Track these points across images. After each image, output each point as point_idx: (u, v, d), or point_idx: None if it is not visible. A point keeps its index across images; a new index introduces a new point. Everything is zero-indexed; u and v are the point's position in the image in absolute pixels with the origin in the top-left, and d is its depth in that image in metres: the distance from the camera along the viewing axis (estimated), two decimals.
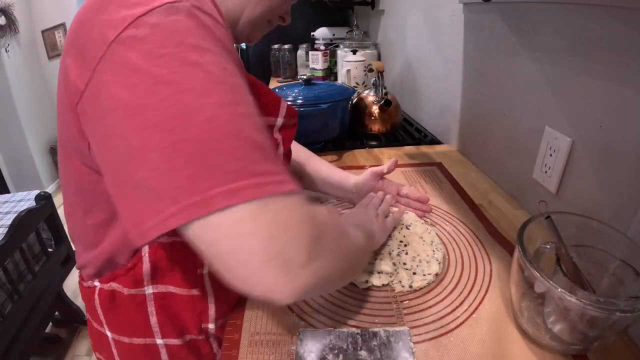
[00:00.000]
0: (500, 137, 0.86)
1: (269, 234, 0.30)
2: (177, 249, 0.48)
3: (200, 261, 0.50)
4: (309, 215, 0.33)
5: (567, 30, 0.62)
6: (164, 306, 0.50)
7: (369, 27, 2.03)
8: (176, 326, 0.51)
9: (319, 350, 0.47)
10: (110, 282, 0.50)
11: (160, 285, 0.50)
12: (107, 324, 0.53)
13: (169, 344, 0.52)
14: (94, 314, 0.53)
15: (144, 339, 0.52)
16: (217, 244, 0.30)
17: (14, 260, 1.30)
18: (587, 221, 0.49)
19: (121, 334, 0.52)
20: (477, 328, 0.50)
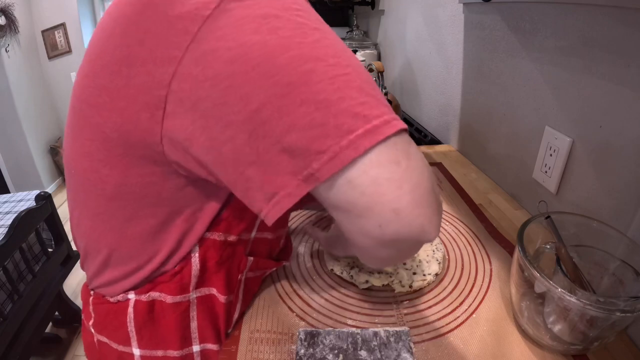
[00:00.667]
0: (500, 137, 0.86)
1: (416, 169, 0.30)
2: (227, 250, 0.46)
3: (243, 266, 0.49)
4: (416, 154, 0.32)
5: (567, 30, 0.62)
6: (205, 310, 0.47)
7: (369, 27, 2.03)
8: (214, 330, 0.49)
9: (318, 350, 0.47)
10: (149, 292, 0.44)
11: (204, 289, 0.46)
12: (138, 341, 0.46)
13: (206, 349, 0.48)
14: (117, 334, 0.46)
15: (181, 351, 0.47)
16: (368, 189, 0.29)
17: (14, 260, 1.30)
18: (587, 221, 0.49)
19: (155, 348, 0.47)
20: (477, 328, 0.50)
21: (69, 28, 3.12)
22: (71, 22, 3.11)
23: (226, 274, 0.47)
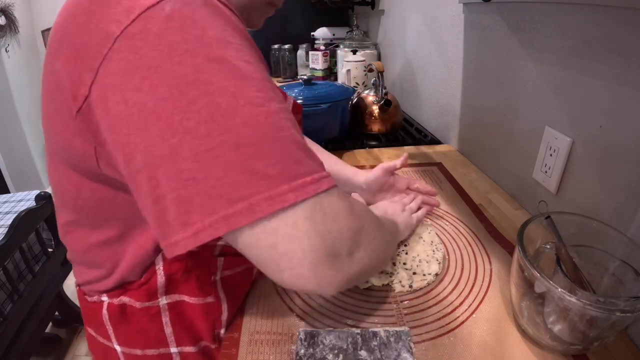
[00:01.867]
0: (500, 137, 0.86)
1: (319, 232, 0.30)
2: (192, 259, 0.46)
3: (214, 267, 0.49)
4: (349, 208, 0.33)
5: (567, 30, 0.62)
6: (178, 315, 0.48)
7: (369, 27, 2.03)
8: (191, 334, 0.49)
9: (318, 350, 0.47)
10: (120, 297, 0.47)
11: (174, 295, 0.47)
12: (117, 338, 0.49)
13: (183, 352, 0.50)
14: (100, 329, 0.50)
15: (158, 349, 0.49)
16: (271, 248, 0.29)
17: (14, 260, 1.30)
18: (587, 221, 0.49)
19: (133, 346, 0.49)
20: (477, 328, 0.50)
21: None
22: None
23: (196, 278, 0.47)
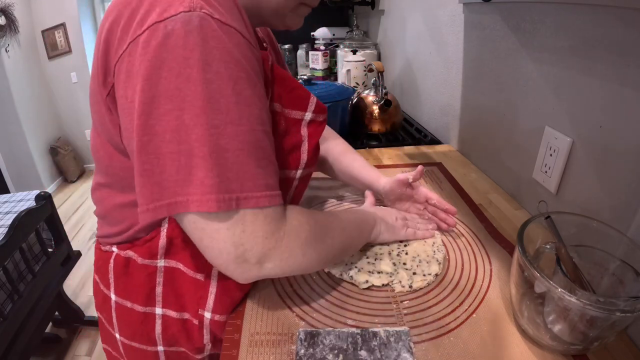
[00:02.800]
0: (500, 137, 0.86)
1: (234, 242, 0.38)
2: None
3: None
4: (271, 231, 0.39)
5: (567, 30, 0.62)
6: (170, 280, 0.53)
7: (369, 27, 2.03)
8: (177, 302, 0.54)
9: (318, 350, 0.47)
10: (127, 250, 0.53)
11: (172, 261, 0.53)
12: (115, 288, 0.56)
13: (166, 315, 0.55)
14: (104, 277, 0.57)
15: (145, 307, 0.54)
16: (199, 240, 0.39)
17: (14, 260, 1.30)
18: (587, 221, 0.49)
19: (125, 298, 0.55)
20: (477, 328, 0.50)
21: (69, 28, 3.12)
22: (71, 22, 3.11)
23: (193, 250, 0.51)
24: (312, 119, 0.52)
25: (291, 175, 0.52)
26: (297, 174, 0.52)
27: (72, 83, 3.27)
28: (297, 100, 0.50)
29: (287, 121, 0.50)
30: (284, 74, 0.49)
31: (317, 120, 0.52)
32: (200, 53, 0.34)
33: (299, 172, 0.52)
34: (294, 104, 0.50)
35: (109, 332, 0.59)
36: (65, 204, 3.01)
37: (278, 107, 0.48)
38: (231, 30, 0.37)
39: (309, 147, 0.52)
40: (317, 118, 0.52)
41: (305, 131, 0.51)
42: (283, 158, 0.49)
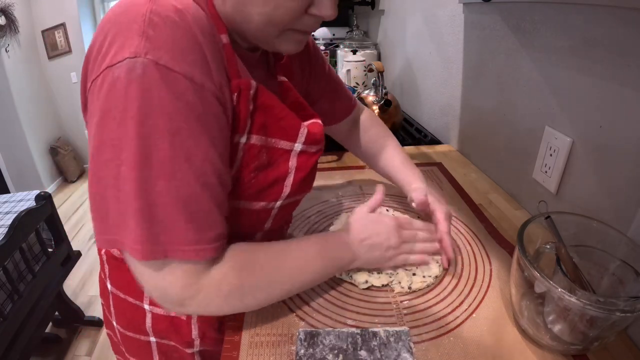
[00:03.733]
0: (500, 137, 0.86)
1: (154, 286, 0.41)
2: None
3: None
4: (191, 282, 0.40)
5: (568, 30, 0.62)
6: None
7: (369, 27, 2.03)
8: None
9: (318, 350, 0.47)
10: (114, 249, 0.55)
11: None
12: (110, 278, 0.60)
13: (154, 310, 0.56)
14: (102, 266, 0.61)
15: (135, 300, 0.57)
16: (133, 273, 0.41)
17: (14, 260, 1.30)
18: (587, 221, 0.49)
19: (119, 289, 0.59)
20: (477, 328, 0.50)
21: (69, 28, 3.12)
22: (71, 22, 3.11)
23: None
24: (302, 150, 0.49)
25: (269, 207, 0.50)
26: (275, 204, 0.50)
27: (72, 83, 3.27)
28: (286, 130, 0.48)
29: (271, 152, 0.47)
30: (271, 103, 0.46)
31: (309, 151, 0.50)
32: (139, 105, 0.34)
33: (278, 203, 0.50)
34: (282, 134, 0.47)
35: (108, 318, 0.63)
36: (65, 204, 3.01)
37: (258, 139, 0.45)
38: (177, 77, 0.35)
39: (295, 179, 0.49)
40: (309, 149, 0.50)
41: (293, 162, 0.49)
42: (260, 191, 0.47)
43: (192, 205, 0.37)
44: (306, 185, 0.53)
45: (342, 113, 0.72)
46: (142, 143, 0.34)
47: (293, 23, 0.41)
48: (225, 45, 0.42)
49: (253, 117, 0.44)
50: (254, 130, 0.44)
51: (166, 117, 0.35)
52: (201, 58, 0.36)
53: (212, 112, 0.38)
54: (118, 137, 0.34)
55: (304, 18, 0.41)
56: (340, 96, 0.71)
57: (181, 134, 0.35)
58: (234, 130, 0.43)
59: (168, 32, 0.35)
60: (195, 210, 0.38)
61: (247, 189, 0.46)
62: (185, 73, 0.35)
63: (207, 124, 0.37)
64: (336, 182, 0.88)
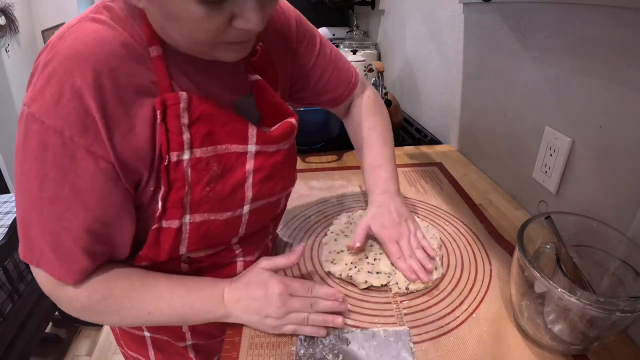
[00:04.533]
0: (500, 137, 0.86)
1: (37, 279, 0.46)
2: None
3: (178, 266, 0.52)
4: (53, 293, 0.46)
5: (567, 30, 0.62)
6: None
7: (369, 27, 2.03)
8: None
9: (318, 350, 0.47)
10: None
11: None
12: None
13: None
14: None
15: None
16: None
17: (14, 260, 1.30)
18: (587, 221, 0.49)
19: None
20: (477, 328, 0.50)
21: None
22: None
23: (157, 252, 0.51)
24: (258, 151, 0.48)
25: (235, 215, 0.49)
26: (243, 211, 0.49)
27: None
28: (234, 134, 0.46)
29: (224, 160, 0.46)
30: (212, 111, 0.44)
31: (267, 151, 0.49)
32: (22, 149, 0.39)
33: (245, 209, 0.49)
34: (232, 138, 0.46)
35: None
36: None
37: (204, 151, 0.44)
38: (48, 130, 0.37)
39: (255, 181, 0.48)
40: (265, 149, 0.49)
41: (250, 165, 0.47)
42: (221, 201, 0.46)
43: (56, 241, 0.41)
44: (274, 185, 0.51)
45: (336, 99, 0.67)
46: (22, 179, 0.40)
47: (219, 38, 0.38)
48: (154, 58, 0.40)
49: (191, 130, 0.42)
50: (195, 143, 0.43)
51: (36, 164, 0.38)
52: (76, 111, 0.36)
53: (81, 165, 0.38)
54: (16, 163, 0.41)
55: (230, 31, 0.38)
56: (331, 83, 0.64)
57: (48, 181, 0.38)
58: (170, 149, 0.41)
59: (49, 84, 0.36)
60: (58, 245, 0.41)
61: (206, 203, 0.45)
62: (55, 127, 0.36)
63: (71, 177, 0.38)
64: (336, 182, 0.88)
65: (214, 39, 0.38)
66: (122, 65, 0.38)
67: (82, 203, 0.40)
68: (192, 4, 0.33)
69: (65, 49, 0.36)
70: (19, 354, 1.24)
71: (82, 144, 0.37)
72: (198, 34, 0.37)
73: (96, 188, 0.40)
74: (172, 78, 0.42)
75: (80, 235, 0.41)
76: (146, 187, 0.43)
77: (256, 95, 0.50)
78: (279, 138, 0.50)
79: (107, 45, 0.37)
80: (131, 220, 0.44)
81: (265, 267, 0.52)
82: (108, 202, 0.41)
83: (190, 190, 0.44)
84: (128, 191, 0.42)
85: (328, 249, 0.64)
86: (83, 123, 0.37)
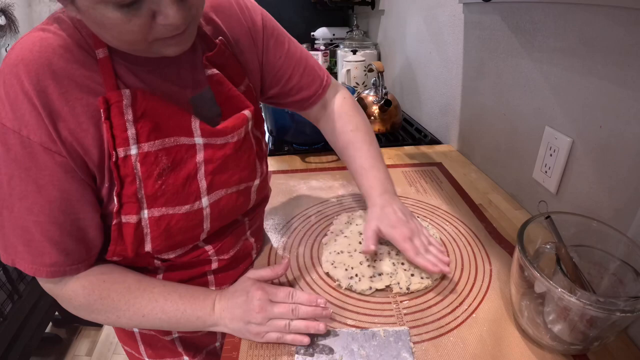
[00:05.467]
0: (500, 137, 0.86)
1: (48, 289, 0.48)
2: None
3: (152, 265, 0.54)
4: (48, 288, 0.48)
5: (567, 30, 0.62)
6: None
7: (369, 27, 2.03)
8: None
9: (318, 350, 0.47)
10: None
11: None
12: None
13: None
14: None
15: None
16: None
17: None
18: (587, 221, 0.49)
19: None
20: (477, 328, 0.50)
21: None
22: None
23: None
24: (206, 144, 0.48)
25: (195, 207, 0.49)
26: (202, 203, 0.49)
27: None
28: (180, 127, 0.47)
29: (173, 152, 0.46)
30: (155, 106, 0.45)
31: (214, 144, 0.49)
32: None
33: (204, 202, 0.49)
34: (179, 131, 0.46)
35: None
36: None
37: (151, 145, 0.44)
38: (8, 132, 0.39)
39: (207, 171, 0.49)
40: (213, 142, 0.49)
41: (201, 157, 0.48)
42: (177, 194, 0.47)
43: (26, 235, 0.43)
44: (229, 177, 0.52)
45: (308, 98, 0.65)
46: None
47: (149, 37, 0.39)
48: (101, 60, 0.42)
49: (137, 125, 0.44)
50: (141, 138, 0.44)
51: (2, 165, 0.40)
52: (29, 112, 0.39)
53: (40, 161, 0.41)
54: None
55: (158, 28, 0.38)
56: (303, 82, 0.64)
57: (14, 179, 0.41)
58: (115, 145, 0.43)
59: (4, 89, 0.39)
60: (29, 240, 0.43)
61: (161, 196, 0.46)
62: (14, 128, 0.39)
63: (33, 173, 0.41)
64: (336, 182, 0.88)
65: (145, 38, 0.39)
66: (65, 68, 0.40)
67: (46, 196, 0.42)
68: (109, 11, 0.35)
69: (13, 57, 0.39)
70: (19, 354, 1.24)
71: (37, 141, 0.40)
72: (126, 36, 0.38)
73: (57, 181, 0.42)
74: (119, 78, 0.44)
75: (48, 228, 0.43)
76: (102, 183, 0.45)
77: (213, 89, 0.51)
78: (226, 131, 0.50)
79: (50, 49, 0.40)
80: (95, 211, 0.46)
81: (250, 277, 0.53)
82: (69, 193, 0.43)
83: (143, 185, 0.45)
84: (87, 183, 0.44)
85: (328, 249, 0.64)
86: (36, 122, 0.39)
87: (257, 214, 0.63)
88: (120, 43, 0.40)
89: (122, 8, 0.35)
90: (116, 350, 1.64)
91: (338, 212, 0.76)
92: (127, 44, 0.40)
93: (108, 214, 0.47)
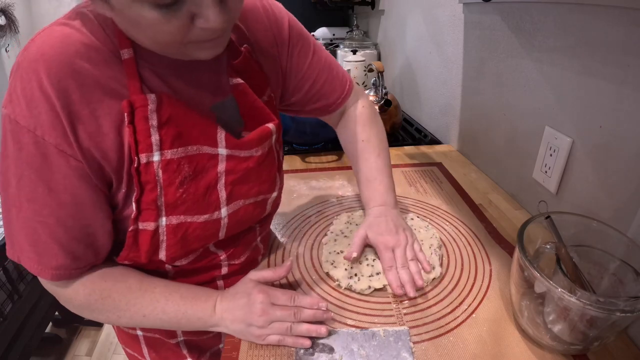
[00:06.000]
0: (500, 137, 0.86)
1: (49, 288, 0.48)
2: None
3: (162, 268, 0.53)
4: (49, 287, 0.48)
5: (567, 30, 0.62)
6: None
7: (369, 27, 2.03)
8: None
9: (318, 350, 0.47)
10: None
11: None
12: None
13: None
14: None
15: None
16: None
17: None
18: (587, 221, 0.49)
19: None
20: (477, 328, 0.50)
21: None
22: None
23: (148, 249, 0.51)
24: (230, 155, 0.48)
25: (213, 217, 0.48)
26: (221, 214, 0.49)
27: None
28: (204, 135, 0.46)
29: (195, 161, 0.45)
30: (180, 111, 0.44)
31: (238, 156, 0.48)
32: (2, 149, 0.40)
33: (223, 212, 0.49)
34: (203, 139, 0.46)
35: None
36: None
37: (174, 152, 0.44)
38: (22, 130, 0.38)
39: (227, 182, 0.48)
40: (237, 154, 0.48)
41: (222, 167, 0.47)
42: (197, 203, 0.46)
43: (33, 236, 0.42)
44: (249, 188, 0.51)
45: (329, 106, 0.66)
46: (2, 178, 0.41)
47: (185, 39, 0.37)
48: (126, 61, 0.41)
49: (160, 131, 0.42)
50: (165, 145, 0.43)
51: (13, 163, 0.39)
52: (45, 111, 0.37)
53: (54, 163, 0.39)
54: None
55: (196, 31, 0.37)
56: (325, 89, 0.63)
57: (24, 179, 0.40)
58: (138, 151, 0.41)
59: (21, 85, 0.37)
60: (35, 240, 0.42)
61: (182, 205, 0.45)
62: (28, 126, 0.38)
63: (44, 175, 0.40)
64: (336, 182, 0.88)
65: (180, 40, 0.37)
66: (88, 67, 0.38)
67: (57, 200, 0.40)
68: (145, 10, 0.33)
69: (33, 51, 0.37)
70: (19, 354, 1.24)
71: (52, 143, 0.38)
72: (162, 37, 0.37)
73: (69, 185, 0.40)
74: (144, 81, 0.42)
75: (56, 231, 0.42)
76: (118, 188, 0.44)
77: (238, 100, 0.50)
78: (251, 144, 0.50)
79: (72, 47, 0.38)
80: (106, 218, 0.44)
81: (252, 278, 0.53)
82: (81, 198, 0.41)
83: (164, 192, 0.44)
84: (101, 189, 0.43)
85: (328, 249, 0.64)
86: (52, 123, 0.38)
87: (267, 221, 0.63)
88: (153, 43, 0.38)
89: (161, 8, 0.33)
90: (116, 351, 1.64)
91: (338, 212, 0.76)
92: (161, 45, 0.39)
93: (122, 219, 0.46)
